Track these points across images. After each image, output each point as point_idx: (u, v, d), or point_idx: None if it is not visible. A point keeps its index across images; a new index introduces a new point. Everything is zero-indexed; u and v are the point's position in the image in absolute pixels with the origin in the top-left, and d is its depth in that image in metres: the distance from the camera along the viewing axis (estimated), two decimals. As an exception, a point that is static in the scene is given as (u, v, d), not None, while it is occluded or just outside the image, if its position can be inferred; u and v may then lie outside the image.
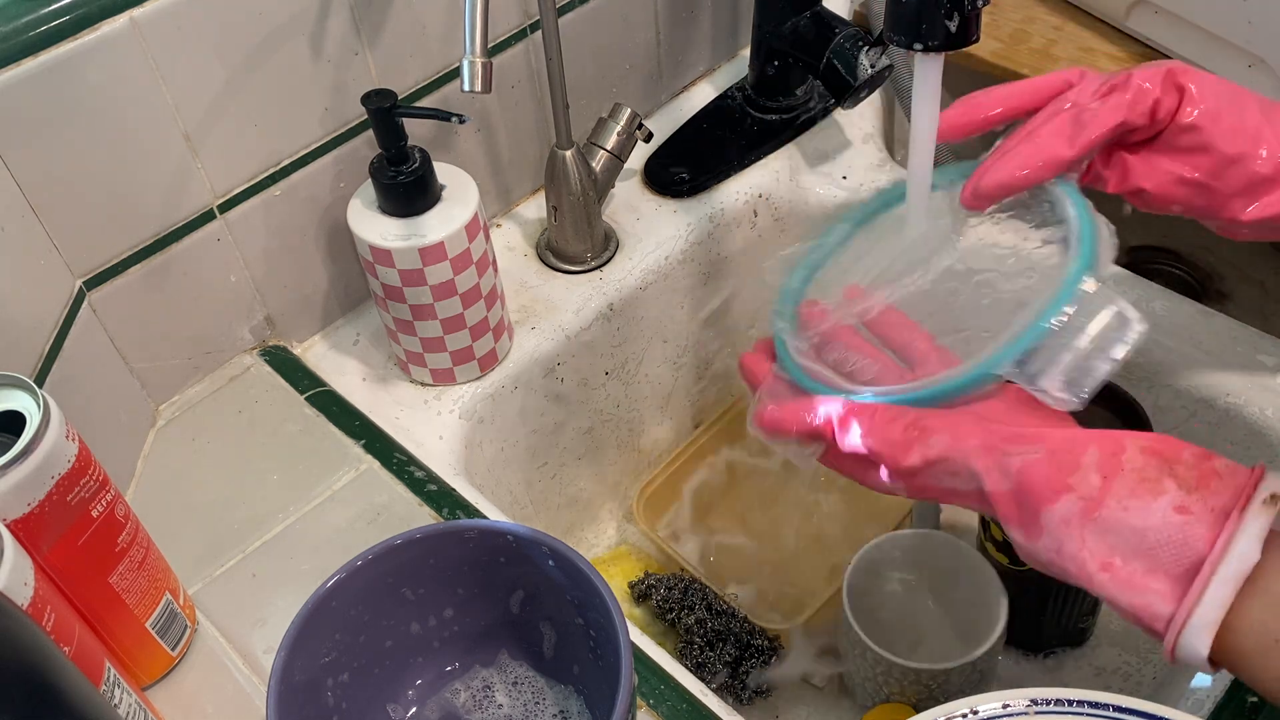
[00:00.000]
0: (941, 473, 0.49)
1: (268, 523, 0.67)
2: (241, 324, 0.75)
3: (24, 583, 0.47)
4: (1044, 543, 0.46)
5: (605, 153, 0.83)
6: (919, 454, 0.49)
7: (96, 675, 0.50)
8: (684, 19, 0.91)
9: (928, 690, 0.69)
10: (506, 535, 0.53)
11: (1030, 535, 0.47)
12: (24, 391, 0.51)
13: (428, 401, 0.76)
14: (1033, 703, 0.46)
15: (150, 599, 0.58)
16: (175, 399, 0.74)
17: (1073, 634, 0.76)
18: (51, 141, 0.61)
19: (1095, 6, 0.93)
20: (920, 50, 0.54)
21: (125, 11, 0.60)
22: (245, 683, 0.60)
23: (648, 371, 0.89)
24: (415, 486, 0.68)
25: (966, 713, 0.47)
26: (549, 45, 0.74)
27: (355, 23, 0.70)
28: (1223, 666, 0.44)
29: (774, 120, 0.91)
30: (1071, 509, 0.45)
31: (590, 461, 0.89)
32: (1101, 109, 0.53)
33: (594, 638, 0.53)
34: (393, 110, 0.66)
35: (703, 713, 0.58)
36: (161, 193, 0.67)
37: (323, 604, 0.51)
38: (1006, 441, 0.47)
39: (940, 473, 0.49)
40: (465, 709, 0.58)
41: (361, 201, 0.70)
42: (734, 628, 0.79)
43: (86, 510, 0.52)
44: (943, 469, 0.49)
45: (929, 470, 0.49)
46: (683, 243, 0.86)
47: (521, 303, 0.81)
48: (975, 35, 0.54)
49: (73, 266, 0.65)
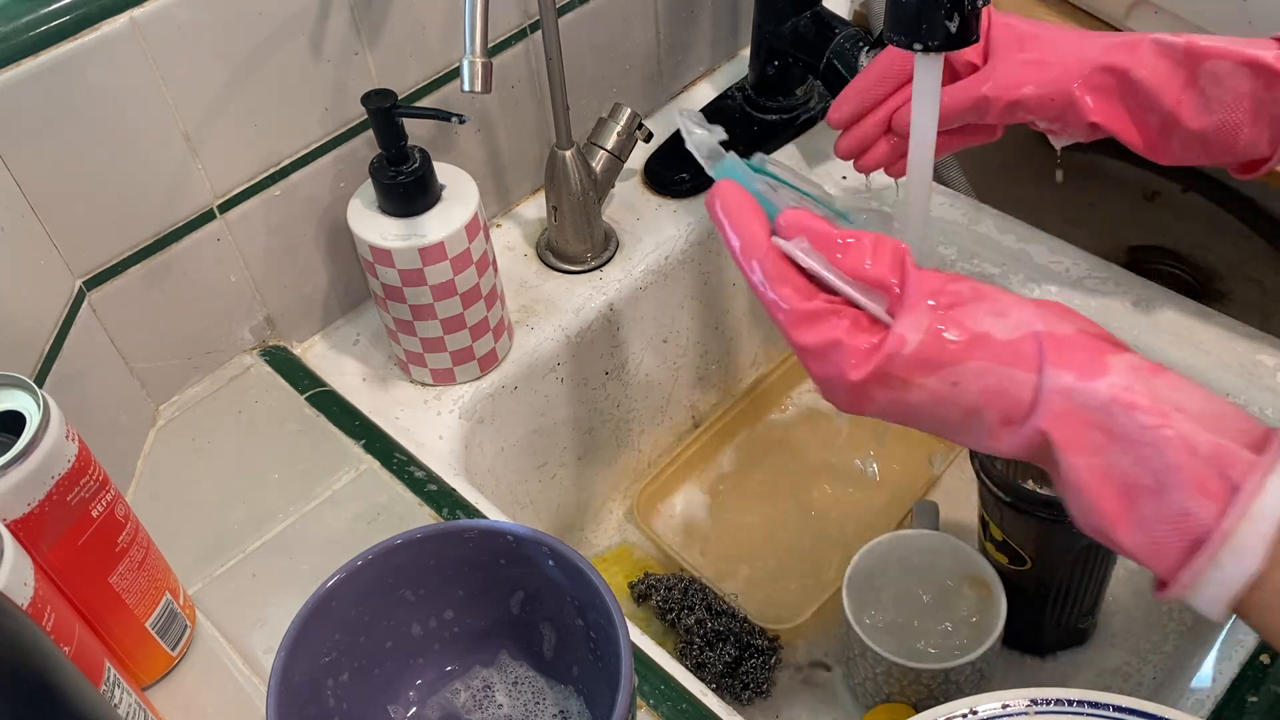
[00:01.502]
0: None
1: (268, 523, 0.67)
2: (241, 324, 0.75)
3: (24, 583, 0.47)
4: (1111, 378, 0.44)
5: (605, 153, 0.83)
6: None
7: (96, 675, 0.50)
8: (684, 19, 0.91)
9: (928, 690, 0.69)
10: (506, 535, 0.53)
11: (1094, 374, 0.44)
12: (24, 391, 0.51)
13: (428, 401, 0.76)
14: (1032, 703, 0.46)
15: (150, 599, 0.58)
16: (175, 399, 0.74)
17: (1073, 634, 0.76)
18: (51, 141, 0.61)
19: (1095, 6, 0.93)
20: (920, 50, 0.54)
21: (125, 11, 0.60)
22: (245, 683, 0.60)
23: (648, 371, 0.89)
24: (415, 486, 0.68)
25: (966, 713, 0.47)
26: (549, 45, 0.74)
27: (355, 23, 0.70)
28: (1244, 612, 0.42)
29: (774, 120, 0.91)
30: (1138, 361, 0.44)
31: (590, 461, 0.89)
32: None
33: (594, 638, 0.53)
34: (393, 110, 0.66)
35: (703, 713, 0.58)
36: (161, 193, 0.67)
37: (323, 604, 0.51)
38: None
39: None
40: (465, 709, 0.58)
41: (361, 201, 0.70)
42: (734, 628, 0.79)
43: (86, 510, 0.52)
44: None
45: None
46: (683, 243, 0.86)
47: (521, 303, 0.81)
48: (975, 35, 0.54)
49: (73, 266, 0.65)
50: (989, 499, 0.68)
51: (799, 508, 0.90)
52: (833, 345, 0.47)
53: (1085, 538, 0.47)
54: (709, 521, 0.90)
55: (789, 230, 0.49)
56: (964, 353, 0.45)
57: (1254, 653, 0.59)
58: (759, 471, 0.93)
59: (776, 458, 0.93)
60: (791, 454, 0.93)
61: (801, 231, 0.48)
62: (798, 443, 0.94)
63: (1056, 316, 0.46)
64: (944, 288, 0.47)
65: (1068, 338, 0.45)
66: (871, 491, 0.90)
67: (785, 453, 0.94)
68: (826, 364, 0.47)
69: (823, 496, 0.90)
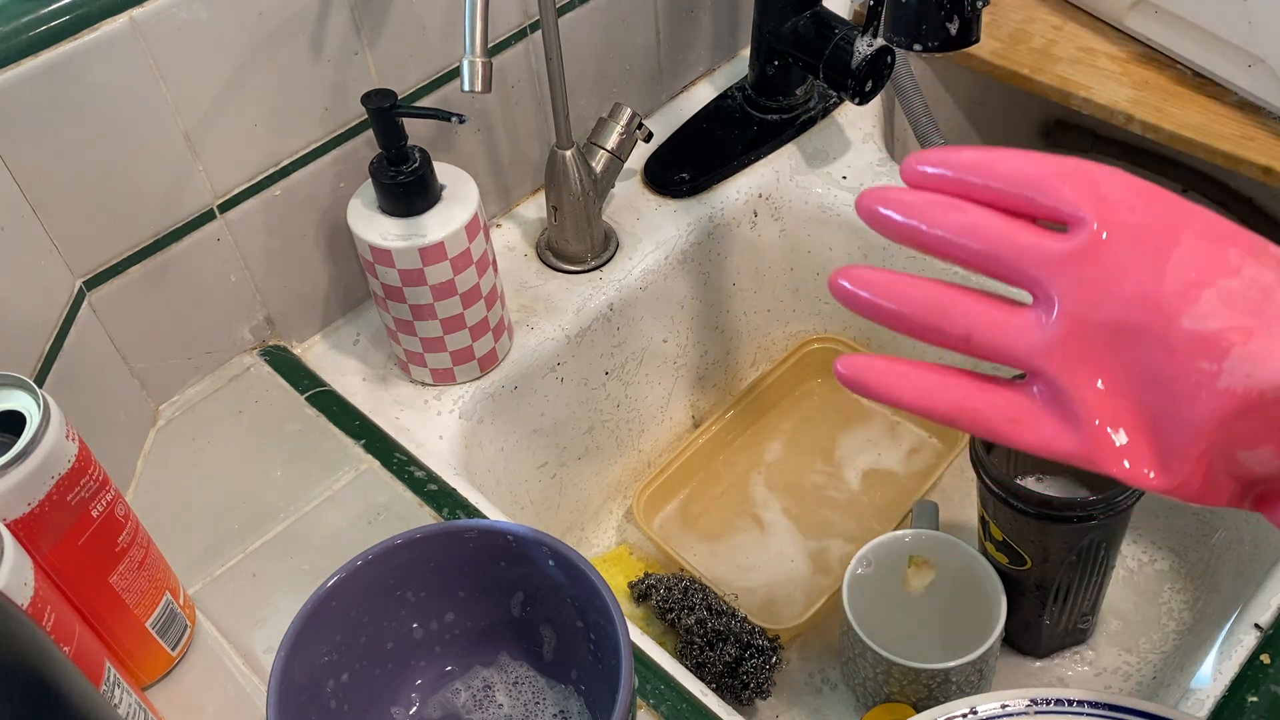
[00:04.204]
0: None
1: (268, 523, 0.67)
2: (241, 324, 0.75)
3: (24, 583, 0.47)
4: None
5: (605, 153, 0.83)
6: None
7: (96, 675, 0.50)
8: (684, 19, 0.91)
9: (928, 690, 0.69)
10: (506, 535, 0.53)
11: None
12: (24, 391, 0.51)
13: (428, 401, 0.76)
14: (1032, 702, 0.46)
15: (150, 599, 0.58)
16: (175, 399, 0.74)
17: (1073, 634, 0.76)
18: (52, 141, 0.61)
19: (1095, 6, 0.93)
20: (920, 51, 0.54)
21: (125, 11, 0.60)
22: (245, 683, 0.60)
23: (648, 371, 0.89)
24: (415, 486, 0.68)
25: (966, 713, 0.47)
26: (549, 45, 0.74)
27: (355, 23, 0.70)
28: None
29: (774, 120, 0.91)
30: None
31: (590, 461, 0.89)
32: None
33: (594, 638, 0.53)
34: (393, 110, 0.66)
35: (703, 713, 0.58)
36: (161, 192, 0.67)
37: (323, 604, 0.51)
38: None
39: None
40: (465, 709, 0.58)
41: (361, 201, 0.70)
42: (734, 628, 0.79)
43: (86, 510, 0.52)
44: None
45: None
46: (683, 243, 0.86)
47: (521, 303, 0.81)
48: (975, 36, 0.54)
49: (73, 266, 0.65)
50: (989, 499, 0.68)
51: (799, 507, 0.90)
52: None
53: (1085, 537, 0.46)
54: (709, 522, 0.90)
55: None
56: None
57: (1254, 653, 0.59)
58: (759, 471, 0.93)
59: (776, 458, 0.93)
60: (791, 454, 0.94)
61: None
62: (798, 442, 0.94)
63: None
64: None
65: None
66: (871, 491, 0.90)
67: (785, 453, 0.94)
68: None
69: (823, 496, 0.90)
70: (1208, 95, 0.87)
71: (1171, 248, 0.37)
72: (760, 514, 0.90)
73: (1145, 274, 0.37)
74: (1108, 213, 0.38)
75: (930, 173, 0.40)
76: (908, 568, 0.73)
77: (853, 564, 0.72)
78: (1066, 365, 0.38)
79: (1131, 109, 0.87)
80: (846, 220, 0.88)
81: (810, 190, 0.89)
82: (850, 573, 0.72)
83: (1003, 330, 0.39)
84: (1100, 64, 0.90)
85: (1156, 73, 0.89)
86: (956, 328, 0.39)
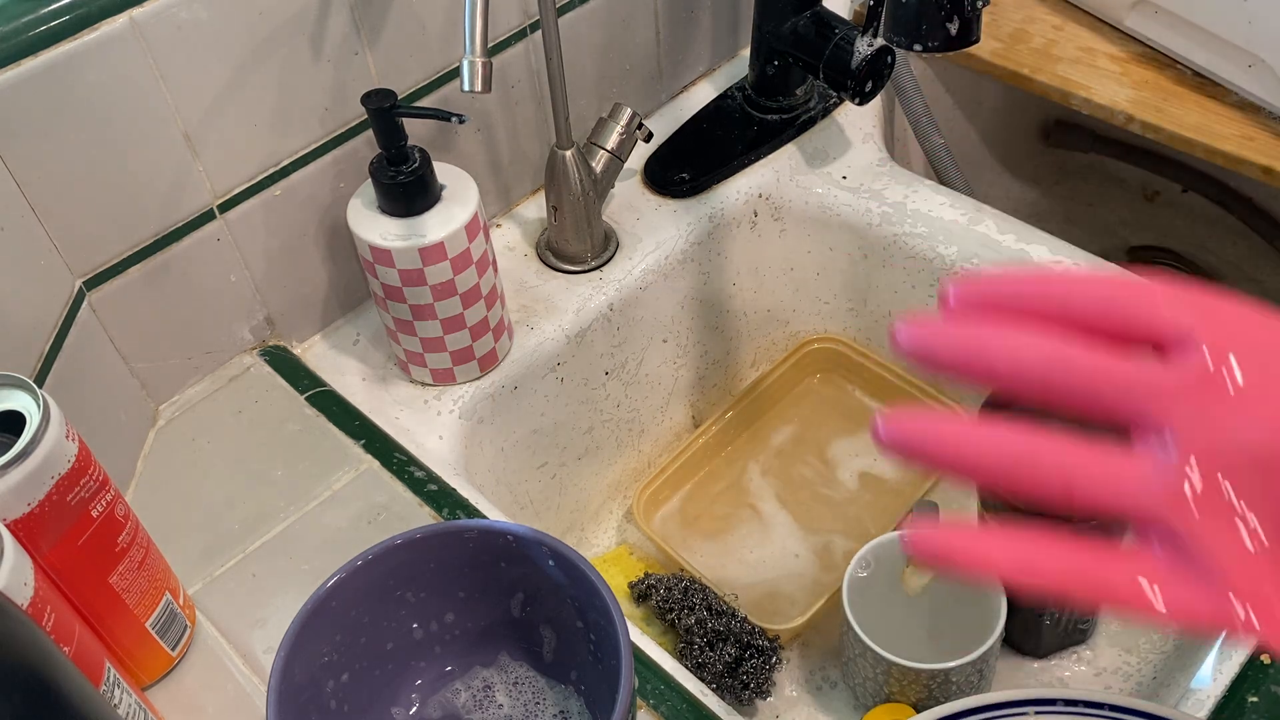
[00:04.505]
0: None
1: (268, 523, 0.67)
2: (241, 324, 0.75)
3: (24, 583, 0.47)
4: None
5: (605, 153, 0.83)
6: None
7: (96, 675, 0.50)
8: (684, 19, 0.91)
9: (928, 690, 0.69)
10: (506, 535, 0.53)
11: None
12: (24, 391, 0.51)
13: (428, 401, 0.76)
14: (1033, 702, 0.46)
15: (150, 599, 0.58)
16: (175, 399, 0.74)
17: (1072, 634, 0.76)
18: (51, 141, 0.61)
19: (1095, 6, 0.93)
20: (920, 51, 0.54)
21: (125, 11, 0.60)
22: (245, 683, 0.60)
23: (648, 371, 0.89)
24: (415, 486, 0.68)
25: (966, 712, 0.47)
26: (549, 45, 0.74)
27: (355, 23, 0.70)
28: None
29: (774, 120, 0.91)
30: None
31: (590, 461, 0.89)
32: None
33: (594, 638, 0.53)
34: (393, 110, 0.66)
35: (703, 713, 0.58)
36: (161, 192, 0.67)
37: (323, 604, 0.51)
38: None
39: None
40: (465, 709, 0.58)
41: (361, 201, 0.70)
42: (734, 628, 0.79)
43: (86, 510, 0.52)
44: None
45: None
46: (683, 243, 0.86)
47: (521, 303, 0.81)
48: (975, 36, 0.54)
49: (73, 266, 0.65)
50: (989, 499, 0.68)
51: (799, 507, 0.90)
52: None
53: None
54: (709, 521, 0.90)
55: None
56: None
57: (1254, 652, 0.59)
58: (759, 471, 0.93)
59: (776, 458, 0.93)
60: (791, 453, 0.94)
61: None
62: (798, 442, 0.94)
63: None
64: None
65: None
66: (871, 491, 0.90)
67: (785, 452, 0.94)
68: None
69: (823, 496, 0.90)
70: (1208, 95, 0.87)
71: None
72: (760, 513, 0.90)
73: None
74: (1217, 328, 0.32)
75: (986, 294, 0.34)
76: (906, 568, 0.73)
77: (852, 565, 0.72)
78: (1196, 515, 0.31)
79: (1131, 109, 0.87)
80: (846, 220, 0.88)
81: (810, 190, 0.89)
82: (850, 573, 0.72)
83: (1115, 480, 0.32)
84: (1100, 64, 0.91)
85: (1156, 73, 0.89)
86: (1054, 479, 0.33)
